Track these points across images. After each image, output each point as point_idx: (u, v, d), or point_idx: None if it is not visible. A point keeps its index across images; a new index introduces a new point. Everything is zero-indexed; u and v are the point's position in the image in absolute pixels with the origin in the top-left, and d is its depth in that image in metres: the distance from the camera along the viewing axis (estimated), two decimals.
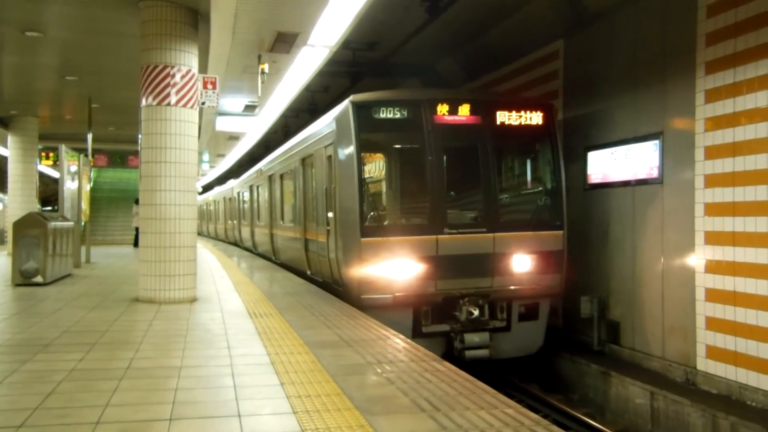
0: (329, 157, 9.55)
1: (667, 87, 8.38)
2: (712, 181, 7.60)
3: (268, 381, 4.57)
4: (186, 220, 8.57)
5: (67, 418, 3.76)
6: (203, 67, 9.99)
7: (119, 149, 27.34)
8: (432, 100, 8.79)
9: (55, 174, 25.01)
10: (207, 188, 39.37)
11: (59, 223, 11.53)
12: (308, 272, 11.62)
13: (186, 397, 4.20)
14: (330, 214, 9.48)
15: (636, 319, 9.01)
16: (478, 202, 8.94)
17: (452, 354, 8.49)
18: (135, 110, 9.70)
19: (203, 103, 8.97)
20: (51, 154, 24.68)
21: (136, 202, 15.90)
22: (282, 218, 14.66)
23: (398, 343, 5.88)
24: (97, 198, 28.48)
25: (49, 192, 30.16)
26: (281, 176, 14.61)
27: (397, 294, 8.34)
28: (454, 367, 4.93)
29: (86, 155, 15.73)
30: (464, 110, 8.89)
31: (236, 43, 9.28)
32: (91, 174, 19.19)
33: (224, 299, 8.89)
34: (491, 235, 8.67)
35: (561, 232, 9.04)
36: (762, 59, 6.90)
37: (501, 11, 11.07)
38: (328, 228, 9.58)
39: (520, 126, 9.04)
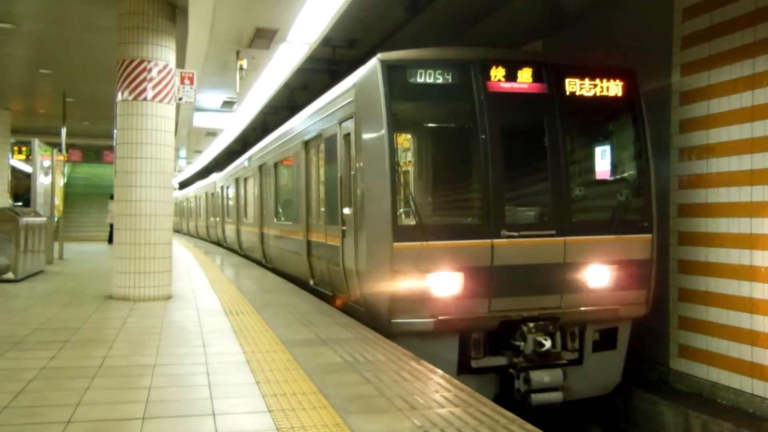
0: (347, 137, 7.60)
1: (643, 88, 8.46)
2: (686, 182, 7.71)
3: (244, 379, 4.53)
4: (162, 216, 8.48)
5: (38, 417, 3.69)
6: (181, 62, 9.89)
7: (94, 144, 27.01)
8: (485, 62, 6.86)
9: (27, 169, 24.61)
10: (187, 183, 38.79)
11: (31, 219, 11.34)
12: (311, 282, 9.58)
13: (159, 395, 4.15)
14: (347, 211, 7.49)
15: None
16: (544, 196, 7.01)
17: (512, 397, 6.65)
18: (110, 105, 9.58)
19: (180, 99, 8.88)
20: (24, 149, 24.26)
21: (111, 198, 15.69)
22: (276, 215, 12.57)
23: (375, 342, 5.88)
24: (71, 194, 28.04)
25: (21, 187, 29.64)
26: (275, 165, 12.56)
27: (440, 317, 6.43)
28: (431, 366, 4.94)
29: (60, 150, 15.49)
30: (525, 75, 6.98)
31: (214, 38, 9.21)
32: (65, 169, 18.91)
33: (200, 297, 8.81)
34: (561, 239, 6.78)
35: (649, 235, 7.15)
36: (735, 63, 7.02)
37: (481, 10, 11.12)
38: (344, 228, 7.59)
39: (596, 98, 7.20)
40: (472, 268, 6.54)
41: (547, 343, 6.48)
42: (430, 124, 7.63)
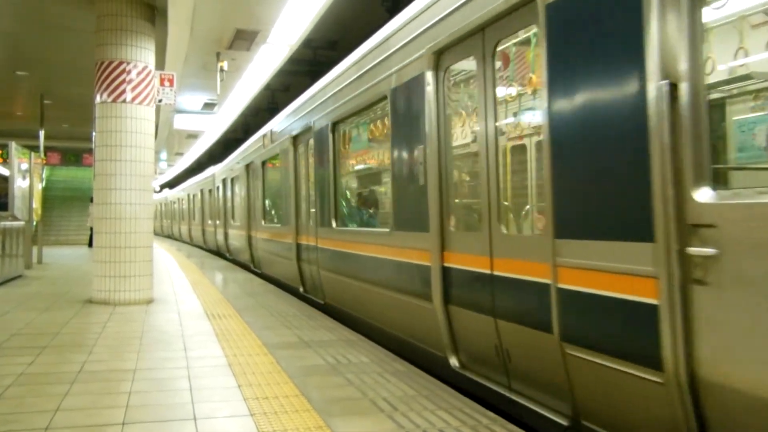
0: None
1: None
2: None
3: (225, 383, 4.50)
4: (142, 219, 8.41)
5: (16, 424, 3.63)
6: (160, 64, 9.82)
7: (73, 147, 26.83)
8: None
9: (5, 172, 24.31)
10: (175, 184, 37.91)
11: (9, 223, 11.20)
12: (451, 362, 4.81)
13: (140, 400, 4.10)
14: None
15: None
16: None
17: None
18: (89, 107, 9.49)
19: (160, 101, 8.82)
20: (0, 152, 23.95)
21: (91, 201, 15.52)
22: (336, 216, 7.53)
23: (358, 344, 5.87)
24: (50, 197, 27.71)
25: None
26: (333, 129, 7.52)
27: None
28: (415, 368, 4.93)
29: (38, 153, 15.31)
30: None
31: (194, 39, 9.16)
32: (44, 172, 18.69)
33: (181, 300, 8.75)
34: None
35: None
36: None
37: None
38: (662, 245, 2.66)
39: None
40: None
41: None
42: None
